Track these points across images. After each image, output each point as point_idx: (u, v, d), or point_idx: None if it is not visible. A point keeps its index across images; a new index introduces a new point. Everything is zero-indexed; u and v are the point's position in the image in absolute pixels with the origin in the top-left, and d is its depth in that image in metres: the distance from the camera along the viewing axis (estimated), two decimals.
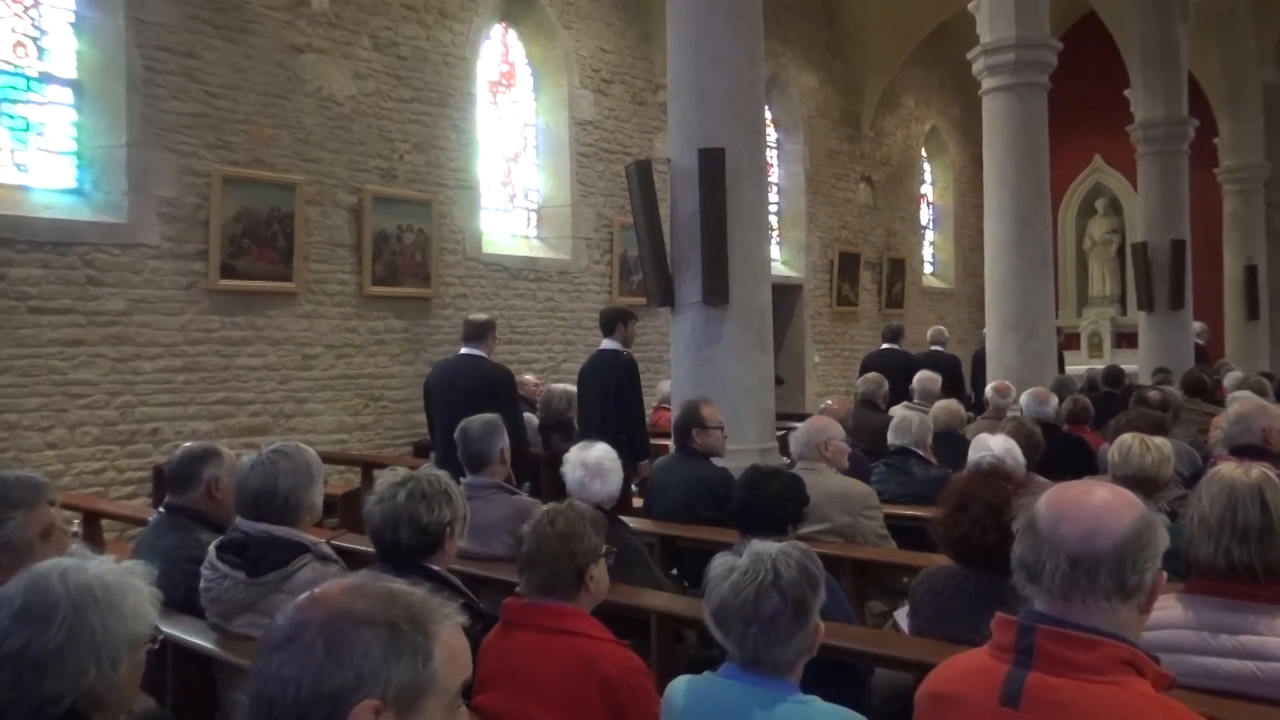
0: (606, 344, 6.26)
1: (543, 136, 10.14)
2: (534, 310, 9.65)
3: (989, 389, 7.32)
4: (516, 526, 2.71)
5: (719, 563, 2.10)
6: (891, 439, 5.18)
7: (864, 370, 9.61)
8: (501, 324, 9.29)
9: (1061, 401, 6.82)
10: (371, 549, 2.76)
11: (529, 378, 8.29)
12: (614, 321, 6.24)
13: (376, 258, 8.18)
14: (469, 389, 5.54)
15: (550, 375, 9.37)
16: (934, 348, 10.03)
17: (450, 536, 2.72)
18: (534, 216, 10.19)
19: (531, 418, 7.37)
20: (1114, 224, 16.96)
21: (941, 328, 10.59)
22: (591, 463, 3.72)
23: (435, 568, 2.70)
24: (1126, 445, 3.83)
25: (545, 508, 2.72)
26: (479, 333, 5.81)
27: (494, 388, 5.59)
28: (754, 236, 6.29)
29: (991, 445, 4.08)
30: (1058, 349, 9.56)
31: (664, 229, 6.39)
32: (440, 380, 5.89)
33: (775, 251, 13.08)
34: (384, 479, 2.75)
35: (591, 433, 5.76)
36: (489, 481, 3.96)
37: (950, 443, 5.84)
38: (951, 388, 8.74)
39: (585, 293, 10.16)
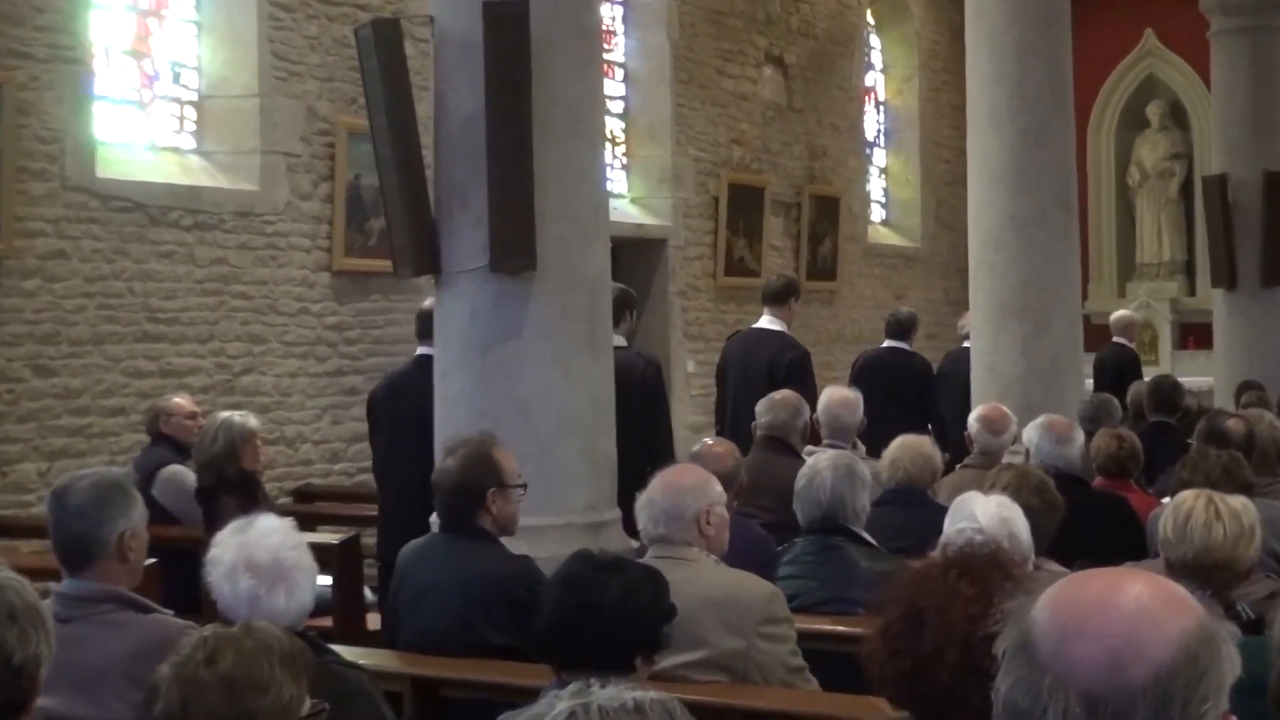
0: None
1: None
2: (190, 281, 9.48)
3: (973, 418, 7.60)
4: (147, 670, 2.67)
5: None
6: (810, 507, 5.33)
7: (856, 384, 10.09)
8: (132, 304, 9.08)
9: (1091, 438, 7.15)
10: None
11: (179, 401, 8.15)
12: (620, 309, 7.49)
13: None
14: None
15: (218, 398, 9.27)
16: (966, 345, 10.45)
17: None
18: (192, 115, 10.04)
19: (185, 472, 7.30)
20: (1175, 145, 17.97)
21: (964, 321, 10.94)
22: (263, 558, 3.68)
23: None
24: (1185, 510, 4.06)
25: (202, 634, 2.69)
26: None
27: None
28: (580, 157, 6.37)
29: (977, 512, 4.23)
30: (1129, 359, 10.05)
31: (423, 141, 6.40)
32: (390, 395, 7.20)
33: (619, 183, 13.24)
34: None
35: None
36: (100, 590, 3.86)
37: (912, 508, 6.04)
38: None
39: (285, 250, 10.04)
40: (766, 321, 9.25)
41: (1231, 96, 12.69)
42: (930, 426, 9.35)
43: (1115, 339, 12.68)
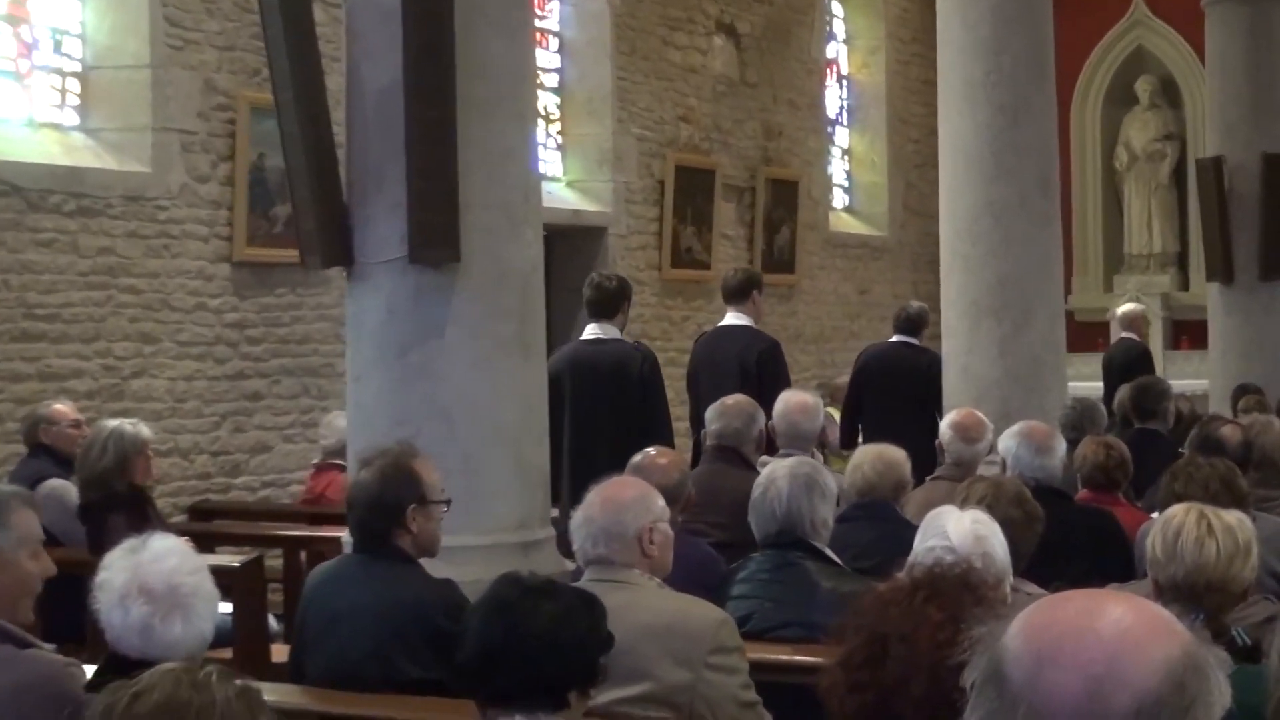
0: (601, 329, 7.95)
1: None
2: (73, 274, 9.41)
3: (944, 424, 7.65)
4: (25, 714, 2.64)
5: None
6: (765, 520, 5.34)
7: (857, 384, 10.43)
8: (7, 299, 9.01)
9: (1074, 447, 7.20)
10: None
11: (60, 408, 8.10)
12: (619, 299, 8.56)
13: None
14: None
15: (104, 404, 9.23)
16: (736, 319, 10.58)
17: None
18: (75, 88, 9.98)
19: (67, 487, 7.26)
20: (1167, 124, 18.14)
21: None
22: (157, 584, 3.65)
23: None
24: (1176, 526, 4.10)
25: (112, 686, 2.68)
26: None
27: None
28: (509, 135, 6.40)
29: (949, 529, 4.26)
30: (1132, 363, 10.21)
31: (334, 118, 6.41)
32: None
33: (553, 165, 13.27)
34: None
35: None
36: None
37: (878, 523, 6.08)
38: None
39: (180, 239, 9.98)
40: (731, 319, 9.50)
41: (1228, 72, 12.79)
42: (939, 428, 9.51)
43: (1123, 334, 12.77)
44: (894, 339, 10.74)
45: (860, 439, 9.51)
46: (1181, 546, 4.05)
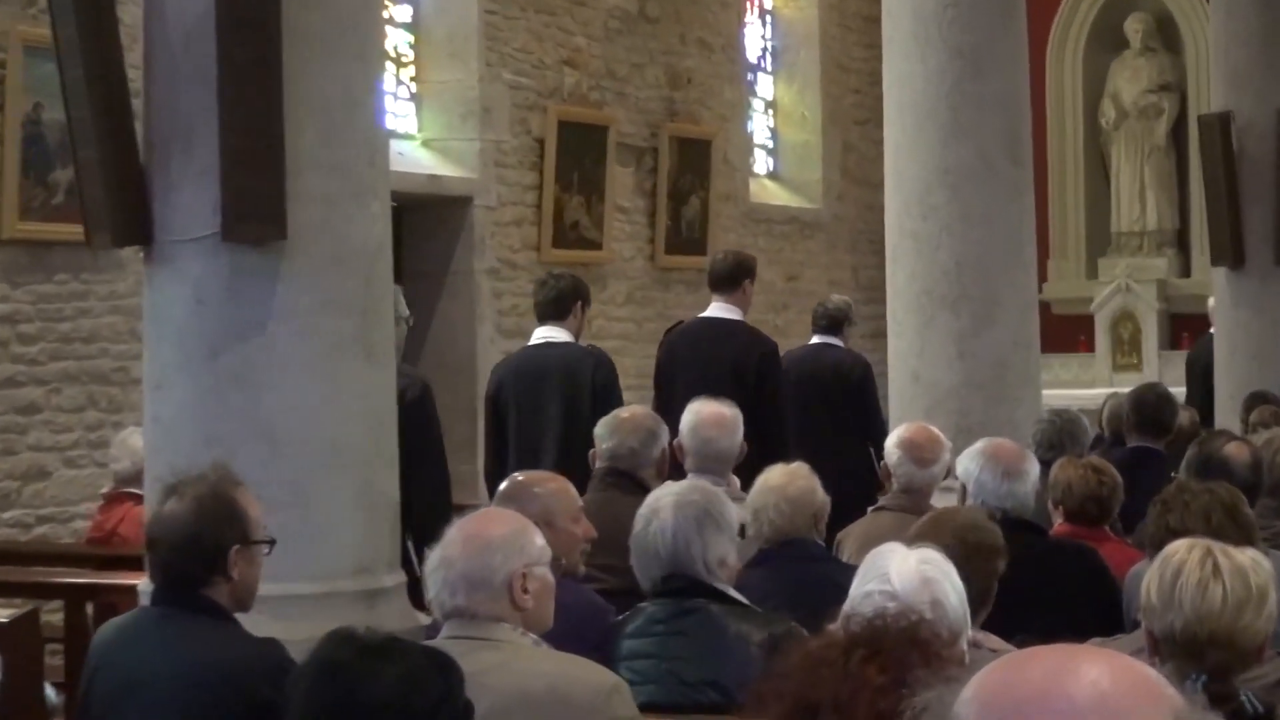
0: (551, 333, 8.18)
1: None
2: None
3: (891, 443, 7.68)
4: None
5: None
6: (649, 562, 5.35)
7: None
8: None
9: (1049, 469, 7.26)
10: None
11: None
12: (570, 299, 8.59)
13: None
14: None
15: None
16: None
17: None
18: None
19: None
20: (1163, 73, 18.29)
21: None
22: None
23: None
24: (1176, 565, 4.12)
25: None
26: None
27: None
28: (349, 82, 6.39)
29: (891, 570, 4.26)
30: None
31: (129, 60, 6.35)
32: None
33: (405, 120, 13.26)
34: None
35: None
36: None
37: (799, 566, 6.09)
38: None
39: None
40: (719, 310, 9.63)
41: (1236, 9, 12.88)
42: (870, 443, 9.55)
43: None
44: (814, 341, 10.83)
45: None
46: (1181, 591, 4.05)
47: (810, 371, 10.49)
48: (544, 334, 8.92)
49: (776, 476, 6.49)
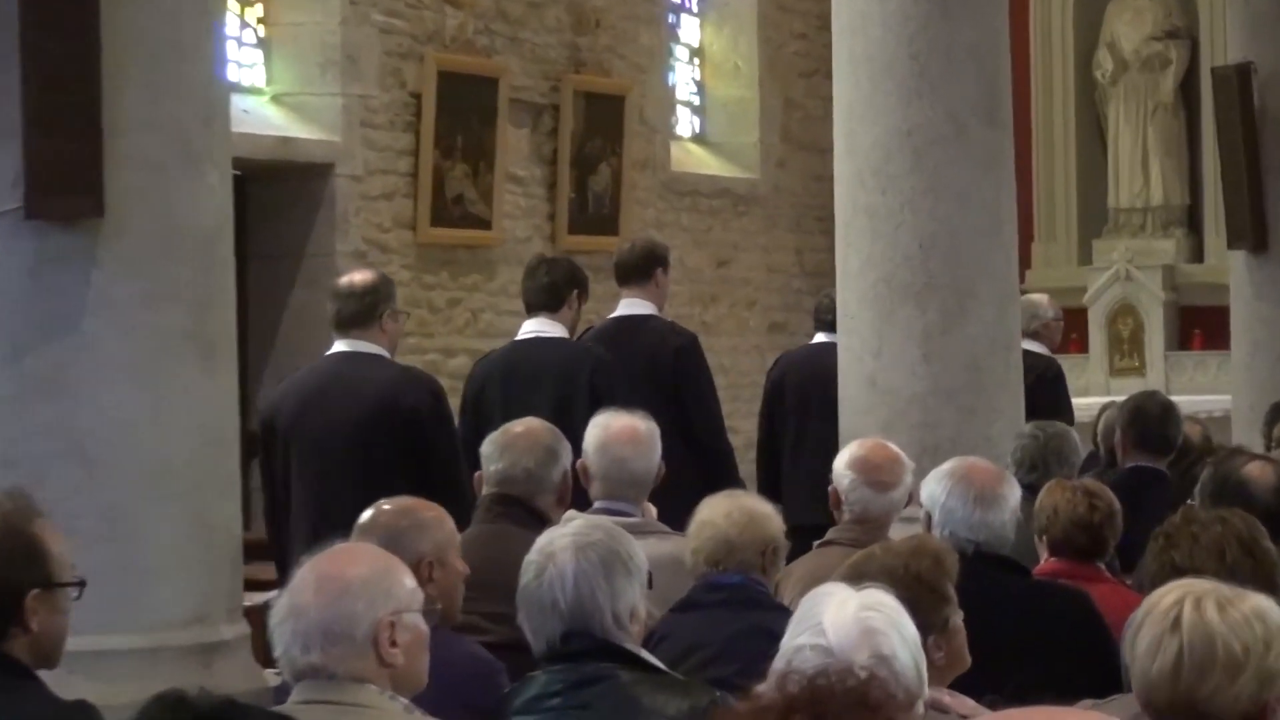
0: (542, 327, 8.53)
1: None
2: None
3: (841, 463, 7.68)
4: None
5: None
6: (544, 618, 5.32)
7: (770, 408, 10.84)
8: None
9: (1034, 495, 7.29)
10: None
11: None
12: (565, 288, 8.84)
13: None
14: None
15: None
16: (1025, 344, 10.79)
17: None
18: None
19: None
20: (1171, 15, 18.40)
21: (1039, 299, 11.38)
22: None
23: None
24: (1161, 616, 4.10)
25: None
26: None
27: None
28: (180, 24, 6.38)
29: (825, 618, 4.24)
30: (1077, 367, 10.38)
31: None
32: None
33: (252, 71, 13.27)
34: None
35: None
36: None
37: (737, 613, 6.10)
38: None
39: None
40: (630, 306, 9.98)
41: None
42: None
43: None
44: (817, 339, 10.93)
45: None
46: (1166, 648, 4.04)
47: (812, 374, 10.59)
48: (534, 327, 9.14)
49: (719, 502, 6.49)
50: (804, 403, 10.64)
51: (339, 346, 8.54)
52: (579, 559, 5.20)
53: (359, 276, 8.74)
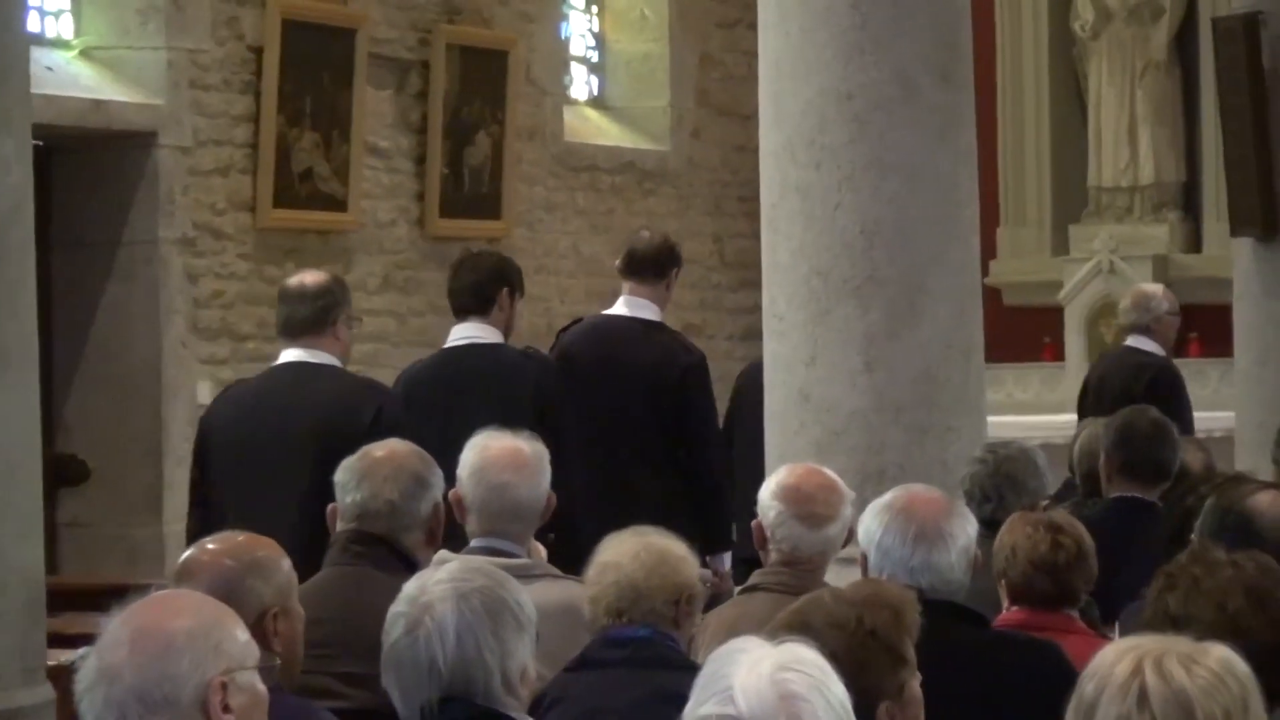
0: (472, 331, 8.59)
1: None
2: None
3: (766, 493, 7.72)
4: None
5: None
6: (416, 680, 5.35)
7: (729, 422, 10.97)
8: None
9: (992, 530, 7.38)
10: None
11: None
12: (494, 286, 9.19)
13: None
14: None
15: None
16: (1134, 341, 11.23)
17: None
18: None
19: None
20: None
21: (1152, 290, 11.47)
22: None
23: None
24: (1134, 692, 4.12)
25: None
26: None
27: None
28: None
29: (735, 682, 4.27)
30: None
31: None
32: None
33: (59, 23, 13.36)
34: None
35: None
36: None
37: (644, 674, 6.18)
38: None
39: None
40: (633, 306, 10.08)
41: None
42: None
43: (1131, 338, 12.91)
44: None
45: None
46: (1107, 713, 4.07)
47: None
48: (464, 333, 9.24)
49: (625, 541, 6.50)
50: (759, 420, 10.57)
51: (287, 355, 8.72)
52: (461, 609, 5.19)
53: (310, 278, 8.92)
